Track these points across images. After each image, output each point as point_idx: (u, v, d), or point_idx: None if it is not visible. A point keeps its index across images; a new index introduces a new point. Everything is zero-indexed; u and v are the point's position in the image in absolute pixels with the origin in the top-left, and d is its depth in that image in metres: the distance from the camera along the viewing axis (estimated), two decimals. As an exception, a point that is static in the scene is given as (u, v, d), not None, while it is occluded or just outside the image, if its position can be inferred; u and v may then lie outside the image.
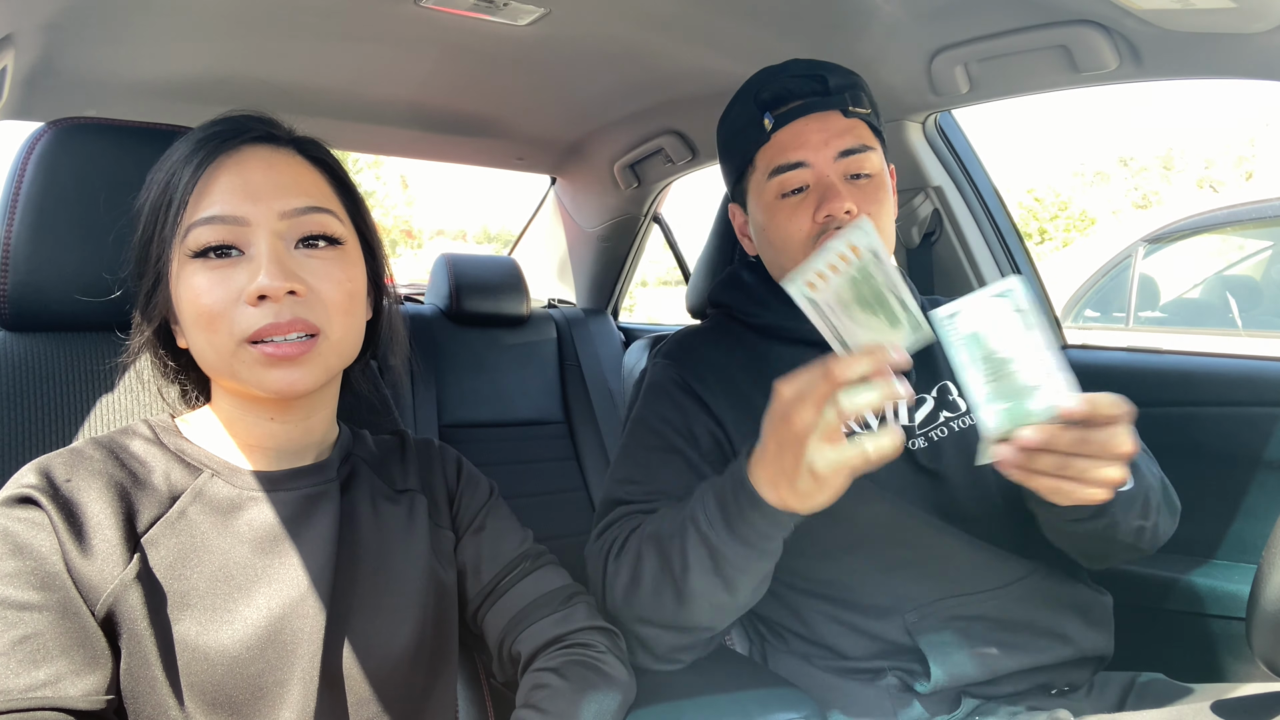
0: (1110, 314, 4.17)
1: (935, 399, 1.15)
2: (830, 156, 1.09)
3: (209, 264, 0.76)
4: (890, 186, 1.14)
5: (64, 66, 1.51)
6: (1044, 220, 15.80)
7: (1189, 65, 1.15)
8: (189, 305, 0.77)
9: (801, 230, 1.10)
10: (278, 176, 0.79)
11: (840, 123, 1.10)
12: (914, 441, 1.12)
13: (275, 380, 0.77)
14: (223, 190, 0.77)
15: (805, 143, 1.10)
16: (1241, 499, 1.38)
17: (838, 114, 1.11)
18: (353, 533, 0.86)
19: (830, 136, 1.09)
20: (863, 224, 0.78)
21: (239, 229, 0.77)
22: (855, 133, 1.10)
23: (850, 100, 1.11)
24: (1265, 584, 0.77)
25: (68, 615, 0.70)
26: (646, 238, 2.65)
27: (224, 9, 1.38)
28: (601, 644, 0.91)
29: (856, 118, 1.11)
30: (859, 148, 1.09)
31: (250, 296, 0.74)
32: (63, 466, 0.76)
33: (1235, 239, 4.20)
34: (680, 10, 1.39)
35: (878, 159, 1.12)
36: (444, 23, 1.42)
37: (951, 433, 1.13)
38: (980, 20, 1.27)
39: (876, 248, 0.77)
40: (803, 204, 1.10)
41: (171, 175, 0.79)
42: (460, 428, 2.24)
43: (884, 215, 1.11)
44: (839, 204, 1.06)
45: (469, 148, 2.31)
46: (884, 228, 1.11)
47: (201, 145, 0.79)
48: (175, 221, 0.77)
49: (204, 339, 0.77)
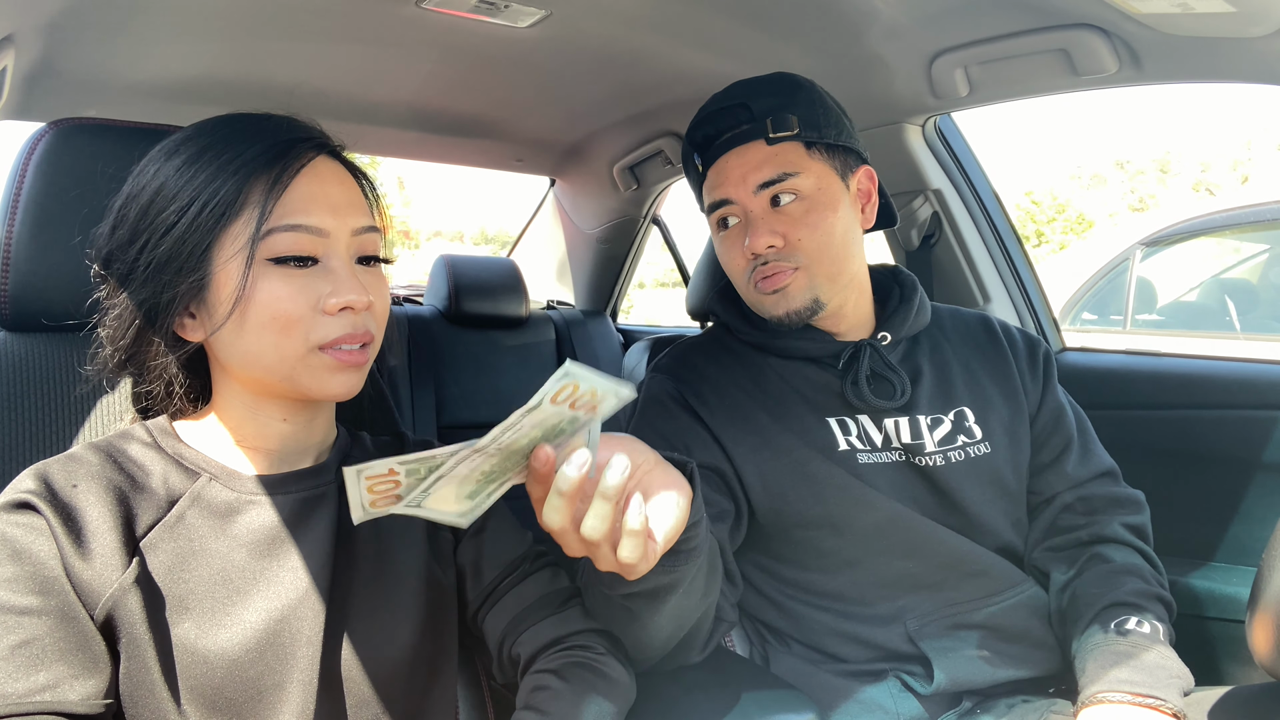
0: (1108, 317, 4.18)
1: (953, 422, 1.15)
2: (749, 191, 1.10)
3: (289, 271, 0.77)
4: (842, 199, 1.12)
5: (64, 67, 1.50)
6: (1041, 223, 15.84)
7: (1188, 69, 1.15)
8: (263, 309, 0.76)
9: (739, 265, 1.14)
10: (348, 193, 0.82)
11: (760, 153, 1.10)
12: (926, 459, 1.12)
13: (337, 385, 0.79)
14: (304, 200, 0.78)
15: (726, 179, 1.12)
16: (1240, 502, 1.38)
17: (760, 144, 1.10)
18: (350, 534, 0.86)
19: (748, 170, 1.10)
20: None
21: (319, 240, 0.78)
22: (777, 160, 1.09)
23: (774, 125, 1.09)
24: (1265, 586, 0.77)
25: (66, 620, 0.70)
26: (645, 240, 2.65)
27: (224, 10, 1.38)
28: (601, 646, 0.91)
29: (782, 142, 1.10)
30: (777, 177, 1.09)
31: (333, 307, 0.77)
32: (61, 472, 0.75)
33: (1232, 242, 4.21)
34: (680, 13, 1.39)
35: (807, 180, 1.10)
36: (444, 24, 1.42)
37: (967, 458, 1.13)
38: (980, 23, 1.27)
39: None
40: (735, 237, 1.14)
41: (234, 173, 0.76)
42: (459, 429, 2.24)
43: (818, 236, 1.09)
44: (759, 240, 1.09)
45: (468, 149, 2.31)
46: (821, 245, 1.10)
47: (277, 150, 0.78)
48: (238, 222, 0.76)
49: (272, 342, 0.77)
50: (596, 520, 0.64)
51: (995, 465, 1.14)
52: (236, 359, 0.79)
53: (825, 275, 1.11)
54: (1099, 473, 1.19)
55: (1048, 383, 1.22)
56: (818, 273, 1.11)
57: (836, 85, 1.50)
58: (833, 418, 1.13)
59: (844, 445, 1.12)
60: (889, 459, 1.12)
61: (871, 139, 1.09)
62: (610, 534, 0.65)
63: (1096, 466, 1.19)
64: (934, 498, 1.12)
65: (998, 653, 1.07)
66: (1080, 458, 1.19)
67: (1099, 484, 1.18)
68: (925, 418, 1.14)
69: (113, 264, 0.80)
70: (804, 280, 1.11)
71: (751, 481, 1.10)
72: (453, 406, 2.26)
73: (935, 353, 1.20)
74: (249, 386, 0.82)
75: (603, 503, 0.64)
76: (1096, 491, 1.17)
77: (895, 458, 1.12)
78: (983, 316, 1.29)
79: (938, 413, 1.15)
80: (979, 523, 1.13)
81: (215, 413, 0.85)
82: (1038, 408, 1.20)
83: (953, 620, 1.08)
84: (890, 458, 1.12)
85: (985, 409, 1.17)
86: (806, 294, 1.11)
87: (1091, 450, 1.20)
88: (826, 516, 1.08)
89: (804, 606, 1.13)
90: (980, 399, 1.18)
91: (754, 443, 1.11)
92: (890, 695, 1.05)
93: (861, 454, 1.12)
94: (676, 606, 0.85)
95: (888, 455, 1.12)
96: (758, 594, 1.17)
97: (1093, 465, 1.19)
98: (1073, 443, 1.19)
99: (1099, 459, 1.20)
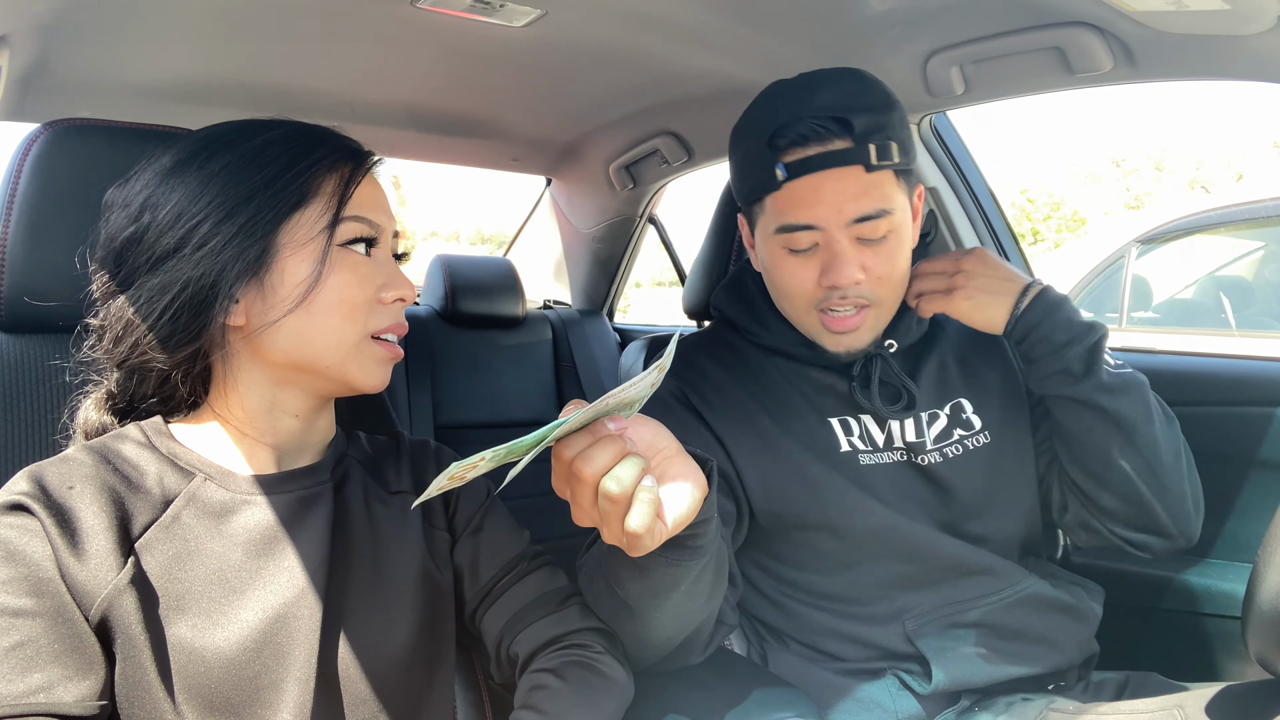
0: (1104, 314, 4.18)
1: (949, 416, 1.14)
2: (843, 222, 1.01)
3: (357, 258, 0.83)
4: (910, 228, 1.08)
5: (59, 67, 1.50)
6: (1037, 221, 15.86)
7: (1183, 67, 1.16)
8: (333, 292, 0.81)
9: (805, 290, 1.06)
10: (387, 200, 0.89)
11: (860, 181, 1.00)
12: (926, 457, 1.11)
13: (380, 375, 0.86)
14: (367, 199, 0.85)
15: (818, 203, 1.01)
16: (1236, 498, 1.39)
17: (859, 170, 0.99)
18: (346, 534, 0.86)
19: (846, 200, 1.00)
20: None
21: (376, 236, 0.85)
22: (876, 193, 1.00)
23: (877, 152, 0.99)
24: (1260, 583, 0.77)
25: (61, 621, 0.70)
26: (642, 239, 2.65)
27: (219, 10, 1.37)
28: (599, 645, 0.91)
29: (882, 170, 1.00)
30: (876, 213, 1.00)
31: (389, 298, 0.84)
32: (55, 473, 0.75)
33: (1227, 239, 4.22)
34: (676, 12, 1.39)
35: (897, 214, 1.03)
36: (440, 24, 1.41)
37: (966, 450, 1.12)
38: (975, 22, 1.27)
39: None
40: (808, 263, 1.04)
41: (310, 167, 0.81)
42: (456, 429, 2.24)
43: (895, 270, 1.05)
44: (845, 274, 1.01)
45: (464, 149, 2.31)
46: (896, 280, 1.06)
47: (347, 152, 0.85)
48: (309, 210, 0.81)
49: (335, 325, 0.81)
50: (623, 473, 0.66)
51: (997, 454, 1.13)
52: (285, 343, 0.80)
53: (889, 309, 1.09)
54: None
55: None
56: (885, 308, 1.08)
57: (832, 84, 1.52)
58: (835, 418, 1.12)
59: (846, 446, 1.11)
60: (891, 459, 1.11)
61: (867, 137, 1.07)
62: (626, 497, 0.66)
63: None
64: (936, 496, 1.12)
65: (996, 650, 1.06)
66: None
67: None
68: (924, 414, 1.13)
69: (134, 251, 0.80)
70: (873, 319, 1.07)
71: (752, 483, 1.09)
72: (449, 406, 2.25)
73: (931, 346, 1.18)
74: (281, 375, 0.83)
75: (632, 462, 0.66)
76: None
77: (897, 457, 1.12)
78: None
79: (934, 408, 1.13)
80: (983, 516, 1.12)
81: (218, 410, 0.85)
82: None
83: (951, 619, 1.07)
84: (892, 458, 1.12)
85: (982, 397, 1.15)
86: (872, 333, 1.09)
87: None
88: (825, 520, 1.08)
89: (802, 606, 1.13)
90: (977, 387, 1.16)
91: (755, 445, 1.10)
92: (889, 694, 1.05)
93: (863, 455, 1.11)
94: (679, 606, 0.85)
95: (889, 455, 1.11)
96: (756, 592, 1.17)
97: None
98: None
99: None
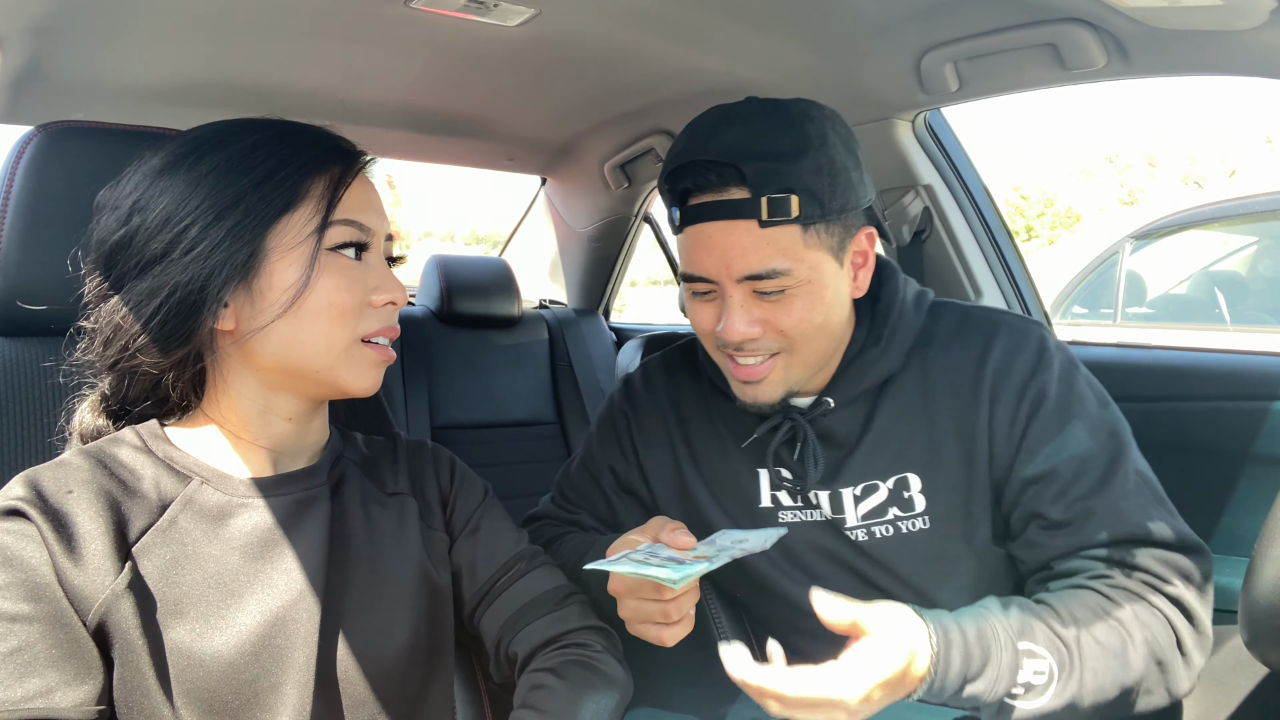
0: (1098, 310, 4.20)
1: (890, 491, 1.02)
2: (731, 278, 0.93)
3: (346, 263, 0.82)
4: (835, 278, 0.96)
5: (52, 70, 1.50)
6: (1031, 218, 15.88)
7: (1176, 62, 1.16)
8: (322, 296, 0.79)
9: (707, 334, 1.00)
10: (380, 201, 0.87)
11: (749, 237, 0.91)
12: (852, 533, 1.02)
13: (372, 379, 0.85)
14: (359, 200, 0.83)
15: (705, 255, 0.94)
16: (1231, 493, 1.39)
17: (750, 224, 0.91)
18: (344, 536, 0.86)
19: (733, 256, 0.92)
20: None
21: (367, 239, 0.84)
22: (768, 250, 0.91)
23: (770, 208, 0.90)
24: (1257, 577, 0.77)
25: (59, 626, 0.70)
26: (637, 238, 2.65)
27: (211, 11, 1.37)
28: (598, 644, 0.91)
29: (778, 225, 0.91)
30: (768, 273, 0.92)
31: (379, 301, 0.83)
32: (52, 478, 0.75)
33: (1221, 235, 4.23)
34: (669, 10, 1.39)
35: (799, 271, 0.93)
36: (433, 24, 1.41)
37: (898, 533, 1.01)
38: (969, 19, 1.28)
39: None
40: (709, 307, 0.98)
41: (299, 169, 0.80)
42: (453, 429, 2.24)
43: (804, 325, 0.95)
44: (734, 330, 0.94)
45: (459, 149, 2.31)
46: (806, 334, 0.96)
47: (338, 153, 0.83)
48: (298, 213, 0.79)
49: (323, 330, 0.80)
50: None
51: (936, 542, 1.00)
52: (275, 348, 0.80)
53: (804, 363, 0.99)
54: (1113, 540, 0.93)
55: (1025, 435, 0.98)
56: (797, 361, 0.98)
57: (826, 81, 1.52)
58: (764, 470, 1.07)
59: (766, 501, 1.07)
60: (817, 518, 1.04)
61: (862, 134, 1.05)
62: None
63: (1106, 531, 0.93)
64: (865, 563, 1.03)
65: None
66: (1079, 524, 0.94)
67: (1113, 550, 0.93)
68: (853, 488, 1.02)
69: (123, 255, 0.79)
70: (781, 370, 0.98)
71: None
72: (446, 407, 2.25)
73: (897, 398, 1.03)
74: (272, 379, 0.82)
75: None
76: (1109, 556, 0.93)
77: (826, 516, 1.04)
78: (989, 333, 1.03)
79: (874, 479, 1.02)
80: (923, 595, 1.01)
81: (212, 414, 0.84)
82: (1007, 472, 0.98)
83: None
84: (819, 516, 1.04)
85: (935, 476, 1.01)
86: (781, 386, 0.99)
87: (1102, 512, 0.93)
88: (742, 576, 1.08)
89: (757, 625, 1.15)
90: (934, 464, 1.01)
91: (675, 488, 1.13)
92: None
93: (786, 511, 1.06)
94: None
95: (817, 514, 1.04)
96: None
97: (1101, 529, 0.93)
98: (1058, 508, 0.95)
99: (1116, 521, 0.93)
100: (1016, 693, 0.83)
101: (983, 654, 0.82)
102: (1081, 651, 0.85)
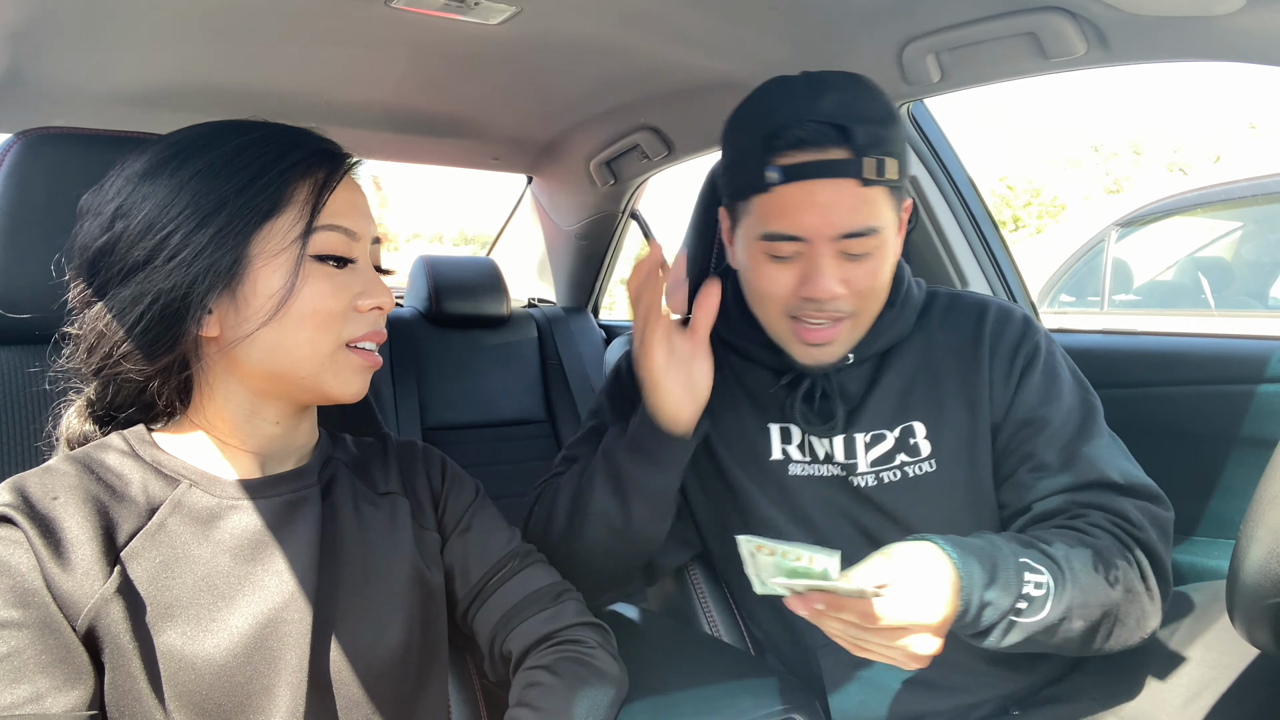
0: (1085, 298, 4.22)
1: (896, 439, 1.07)
2: (831, 235, 0.96)
3: (330, 269, 0.80)
4: (895, 243, 1.03)
5: (31, 76, 1.49)
6: (1017, 208, 15.91)
7: (1156, 49, 1.16)
8: (306, 303, 0.78)
9: (780, 296, 1.02)
10: (366, 204, 0.86)
11: (853, 196, 0.95)
12: (861, 479, 1.07)
13: (357, 385, 0.84)
14: (344, 204, 0.82)
15: (808, 212, 0.96)
16: (1219, 476, 1.40)
17: (854, 183, 0.95)
18: (335, 536, 0.86)
19: (837, 213, 0.96)
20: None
21: (353, 243, 0.82)
22: (867, 209, 0.96)
23: (875, 167, 0.95)
24: (1244, 558, 0.78)
25: (48, 632, 0.70)
26: (625, 235, 2.65)
27: (192, 14, 1.36)
28: (593, 640, 0.91)
29: (876, 185, 0.96)
30: (866, 230, 0.96)
31: (366, 306, 0.82)
32: (38, 484, 0.74)
33: (1206, 221, 4.25)
34: (652, 5, 1.39)
35: (886, 233, 0.99)
36: (415, 23, 1.41)
37: (905, 477, 1.06)
38: (949, 9, 1.28)
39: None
40: (787, 270, 1.00)
41: (282, 173, 0.79)
42: (443, 430, 2.23)
43: (876, 284, 1.01)
44: (826, 287, 0.97)
45: (444, 149, 2.30)
46: (875, 293, 1.02)
47: (322, 156, 0.82)
48: (281, 219, 0.78)
49: (307, 337, 0.79)
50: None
51: (941, 484, 1.06)
52: (260, 355, 0.79)
53: (866, 322, 1.05)
54: (1089, 482, 1.01)
55: (1020, 387, 1.07)
56: (862, 321, 1.04)
57: (809, 74, 1.52)
58: (776, 424, 1.10)
59: (777, 454, 1.10)
60: (826, 472, 1.08)
61: (846, 127, 1.07)
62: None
63: (1086, 475, 1.01)
64: (871, 516, 1.07)
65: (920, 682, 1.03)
66: (1063, 466, 1.02)
67: (1090, 493, 1.01)
68: (864, 435, 1.07)
69: (106, 262, 0.78)
70: (848, 332, 1.03)
71: (689, 484, 1.12)
72: (437, 407, 2.25)
73: (901, 361, 1.10)
74: (258, 385, 0.82)
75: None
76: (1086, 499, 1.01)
77: (836, 471, 1.08)
78: (981, 308, 1.13)
79: (881, 428, 1.07)
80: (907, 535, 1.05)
81: (198, 420, 0.84)
82: (1004, 416, 1.07)
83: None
84: (829, 470, 1.08)
85: (940, 423, 1.07)
86: (844, 347, 1.05)
87: (1083, 458, 1.02)
88: (743, 526, 1.08)
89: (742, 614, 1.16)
90: (937, 412, 1.08)
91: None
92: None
93: (795, 465, 1.09)
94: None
95: (826, 468, 1.08)
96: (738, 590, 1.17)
97: (1082, 473, 1.01)
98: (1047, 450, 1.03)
99: (1094, 467, 1.01)
100: (1020, 606, 0.87)
101: (992, 563, 0.87)
102: (1071, 568, 0.90)
